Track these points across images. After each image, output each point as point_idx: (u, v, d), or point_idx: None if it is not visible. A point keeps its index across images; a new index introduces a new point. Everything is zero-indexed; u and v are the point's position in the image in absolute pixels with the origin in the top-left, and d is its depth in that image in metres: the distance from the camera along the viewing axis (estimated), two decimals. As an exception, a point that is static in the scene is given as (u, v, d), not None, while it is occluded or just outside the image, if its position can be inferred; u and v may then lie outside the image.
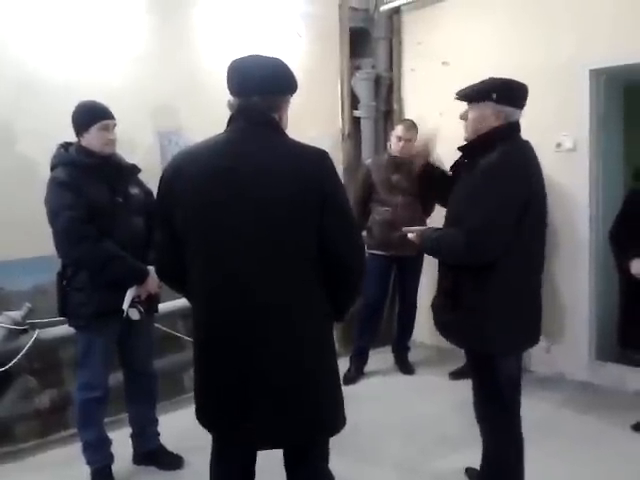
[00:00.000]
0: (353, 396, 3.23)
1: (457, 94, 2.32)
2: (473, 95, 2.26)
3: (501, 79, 2.25)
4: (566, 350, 3.95)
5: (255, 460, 1.94)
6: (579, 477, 2.85)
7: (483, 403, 2.35)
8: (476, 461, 2.54)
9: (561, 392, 3.84)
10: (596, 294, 4.00)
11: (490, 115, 2.22)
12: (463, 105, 2.35)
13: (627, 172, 4.00)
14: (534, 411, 2.44)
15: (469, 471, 2.81)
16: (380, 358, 4.43)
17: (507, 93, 2.22)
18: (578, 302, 3.94)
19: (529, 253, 2.23)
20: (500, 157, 2.14)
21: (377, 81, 4.76)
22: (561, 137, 3.92)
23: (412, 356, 4.45)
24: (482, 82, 2.27)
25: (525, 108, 2.29)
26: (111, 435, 2.91)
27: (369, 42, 4.86)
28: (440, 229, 2.36)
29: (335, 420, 1.83)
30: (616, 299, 3.50)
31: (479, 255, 2.13)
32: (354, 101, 4.78)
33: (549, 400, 3.66)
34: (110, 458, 2.87)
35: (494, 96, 2.20)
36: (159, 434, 3.08)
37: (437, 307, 2.39)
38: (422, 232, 2.40)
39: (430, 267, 4.05)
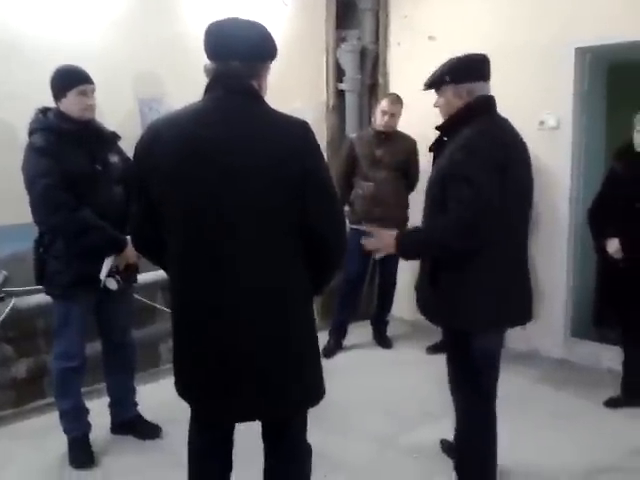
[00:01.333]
0: (332, 369, 3.24)
1: (424, 85, 2.33)
2: (433, 83, 2.29)
3: (455, 58, 2.26)
4: (542, 327, 3.99)
5: (234, 429, 1.94)
6: (552, 451, 2.91)
7: (456, 380, 2.37)
8: (452, 433, 2.58)
9: (536, 368, 3.91)
10: (573, 272, 4.05)
11: (452, 97, 2.23)
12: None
13: (609, 151, 4.02)
14: (509, 386, 2.47)
15: (444, 443, 2.86)
16: (359, 332, 4.46)
17: (460, 71, 2.23)
18: (555, 280, 3.99)
19: (510, 230, 2.22)
20: (473, 131, 2.14)
21: (362, 54, 4.71)
22: (544, 115, 3.92)
23: (390, 330, 4.49)
24: (438, 68, 2.28)
25: (509, 85, 2.28)
26: (89, 404, 2.91)
27: (355, 13, 4.79)
28: (419, 229, 2.31)
29: (314, 393, 1.83)
30: (593, 277, 3.55)
31: (477, 234, 2.08)
32: (339, 73, 4.73)
33: (524, 376, 3.72)
34: (87, 427, 2.87)
35: (447, 78, 2.22)
36: (137, 404, 3.08)
37: (418, 286, 2.39)
38: (398, 237, 2.27)
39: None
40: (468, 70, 2.24)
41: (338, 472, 2.70)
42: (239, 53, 1.69)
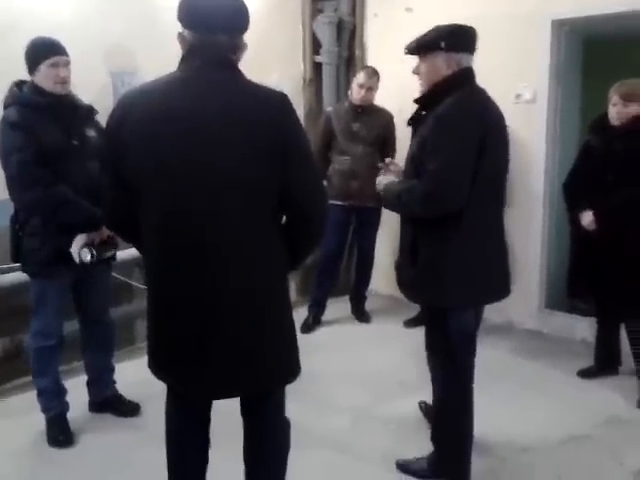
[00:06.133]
0: (311, 344, 3.26)
1: (406, 48, 2.27)
2: (422, 47, 2.23)
3: (447, 26, 2.21)
4: (516, 299, 3.99)
5: (211, 406, 1.94)
6: (526, 421, 2.97)
7: (433, 353, 2.40)
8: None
9: (510, 340, 3.97)
10: (548, 245, 4.10)
11: (442, 64, 2.19)
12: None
13: (585, 125, 4.05)
14: (484, 358, 2.50)
15: (422, 405, 2.93)
16: (337, 307, 4.48)
17: (455, 39, 2.19)
18: (530, 252, 4.03)
19: (487, 203, 2.22)
20: (451, 104, 2.13)
21: (339, 25, 4.64)
22: (521, 88, 3.92)
23: (369, 305, 4.52)
24: (429, 32, 2.23)
25: (485, 58, 2.26)
26: (67, 383, 2.89)
27: (332, -16, 4.71)
28: (402, 181, 2.33)
29: (291, 368, 1.84)
30: (567, 250, 3.59)
31: (440, 205, 2.11)
32: (315, 45, 4.66)
33: (498, 347, 3.77)
34: (65, 406, 2.85)
35: (442, 44, 2.17)
36: (115, 382, 3.07)
37: (398, 265, 2.39)
38: (386, 185, 2.36)
39: (389, 218, 4.07)
40: (463, 39, 2.21)
41: (316, 444, 2.73)
42: (223, 25, 1.66)
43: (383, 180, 2.39)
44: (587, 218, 3.21)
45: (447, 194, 2.09)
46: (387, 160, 2.57)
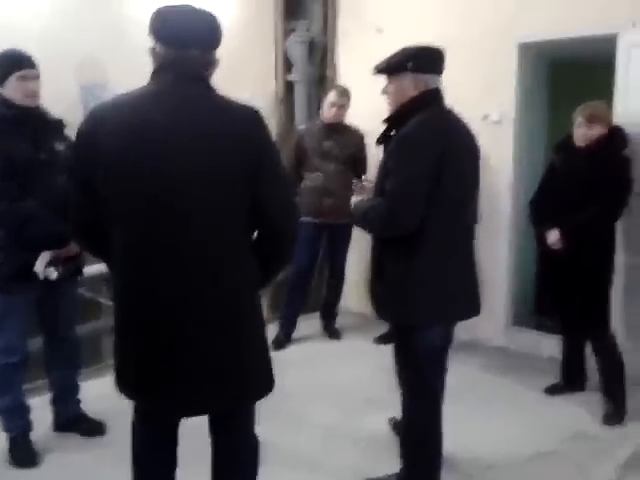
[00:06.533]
0: (281, 361, 3.21)
1: (375, 69, 2.32)
2: (390, 68, 2.26)
3: (415, 47, 2.25)
4: (483, 316, 4.02)
5: (177, 426, 1.91)
6: (494, 437, 2.99)
7: (402, 370, 2.41)
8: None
9: (478, 357, 3.99)
10: (514, 262, 4.16)
11: (409, 85, 2.22)
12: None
13: (551, 145, 4.15)
14: (451, 375, 2.51)
15: (391, 420, 2.94)
16: (308, 324, 4.47)
17: (422, 61, 2.22)
18: (496, 270, 4.07)
19: (454, 220, 2.24)
20: (414, 124, 2.16)
21: (311, 45, 4.69)
22: (488, 109, 4.00)
23: (339, 322, 4.52)
24: (396, 53, 2.26)
25: (454, 79, 2.30)
26: (31, 401, 2.82)
27: (304, 3, 4.76)
28: (370, 199, 2.35)
29: (262, 384, 1.83)
30: (533, 268, 3.65)
31: (398, 222, 2.12)
32: (287, 64, 4.70)
33: (466, 364, 3.78)
34: (29, 425, 2.78)
35: (409, 66, 2.20)
36: (80, 401, 3.01)
37: (368, 282, 2.41)
38: (355, 204, 2.39)
39: (359, 236, 4.09)
40: (430, 60, 2.25)
41: (287, 463, 2.71)
42: (196, 41, 1.68)
43: (355, 199, 2.42)
44: (552, 237, 3.27)
45: (405, 210, 2.11)
46: (362, 178, 2.59)
